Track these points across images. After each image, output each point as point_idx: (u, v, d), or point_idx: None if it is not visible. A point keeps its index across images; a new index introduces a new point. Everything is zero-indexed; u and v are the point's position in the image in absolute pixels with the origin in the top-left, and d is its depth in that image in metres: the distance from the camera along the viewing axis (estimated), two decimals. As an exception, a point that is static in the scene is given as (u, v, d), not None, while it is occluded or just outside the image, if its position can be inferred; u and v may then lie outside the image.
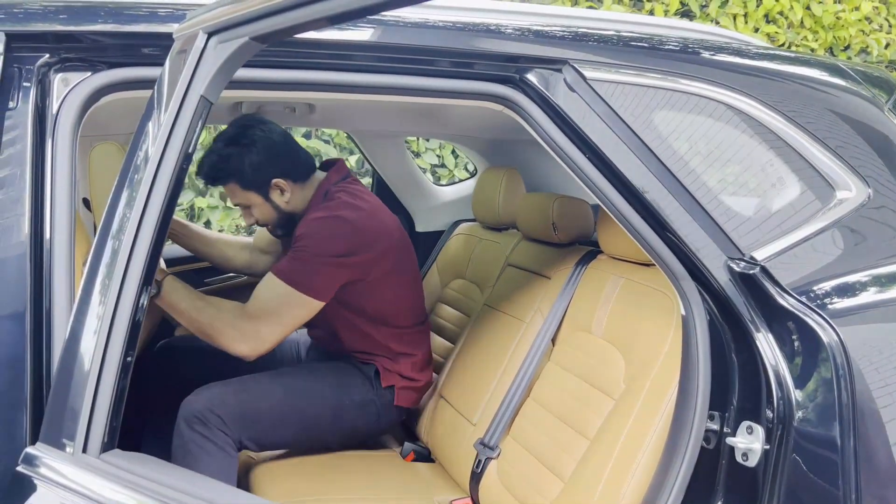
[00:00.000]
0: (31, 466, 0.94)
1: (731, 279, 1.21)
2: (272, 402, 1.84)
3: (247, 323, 1.73)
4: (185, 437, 1.71)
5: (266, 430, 1.82)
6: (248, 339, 1.72)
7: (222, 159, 1.84)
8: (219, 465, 1.71)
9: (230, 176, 1.85)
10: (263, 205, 1.90)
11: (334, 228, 1.81)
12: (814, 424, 1.12)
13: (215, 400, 1.75)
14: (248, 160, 1.83)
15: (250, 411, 1.79)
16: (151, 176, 0.97)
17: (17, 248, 1.05)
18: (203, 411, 1.72)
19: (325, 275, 1.79)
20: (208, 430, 1.71)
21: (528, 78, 1.28)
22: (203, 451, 1.70)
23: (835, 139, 1.33)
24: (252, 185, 1.86)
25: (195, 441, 1.70)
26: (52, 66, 1.11)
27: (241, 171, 1.84)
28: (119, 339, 0.95)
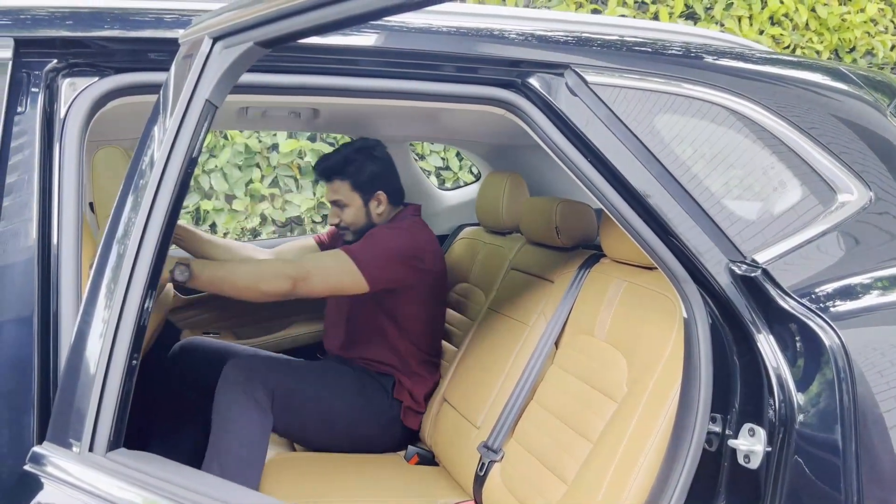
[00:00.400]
0: (38, 465, 0.95)
1: (732, 282, 1.22)
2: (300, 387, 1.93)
3: (294, 265, 1.84)
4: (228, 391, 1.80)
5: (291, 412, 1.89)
6: (291, 272, 1.81)
7: (348, 160, 2.10)
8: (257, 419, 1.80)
9: (348, 175, 2.10)
10: (360, 209, 2.12)
11: (402, 232, 2.05)
12: (815, 427, 1.13)
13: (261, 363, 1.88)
14: (369, 168, 2.11)
15: (288, 388, 1.89)
16: (157, 180, 0.98)
17: (25, 252, 1.06)
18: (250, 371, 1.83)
19: (382, 263, 1.95)
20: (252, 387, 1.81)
21: (531, 82, 1.29)
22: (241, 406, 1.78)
23: (837, 143, 1.33)
24: (360, 189, 2.11)
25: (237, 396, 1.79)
26: (59, 71, 1.12)
27: (360, 174, 2.10)
28: (125, 342, 0.96)
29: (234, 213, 4.03)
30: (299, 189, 4.14)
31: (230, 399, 1.80)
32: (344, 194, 2.11)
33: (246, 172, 4.03)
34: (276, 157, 4.05)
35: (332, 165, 2.11)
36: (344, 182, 2.10)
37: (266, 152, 4.07)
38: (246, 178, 4.03)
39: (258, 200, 4.09)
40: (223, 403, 1.80)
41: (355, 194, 2.11)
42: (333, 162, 2.11)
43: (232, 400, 1.79)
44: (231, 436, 1.77)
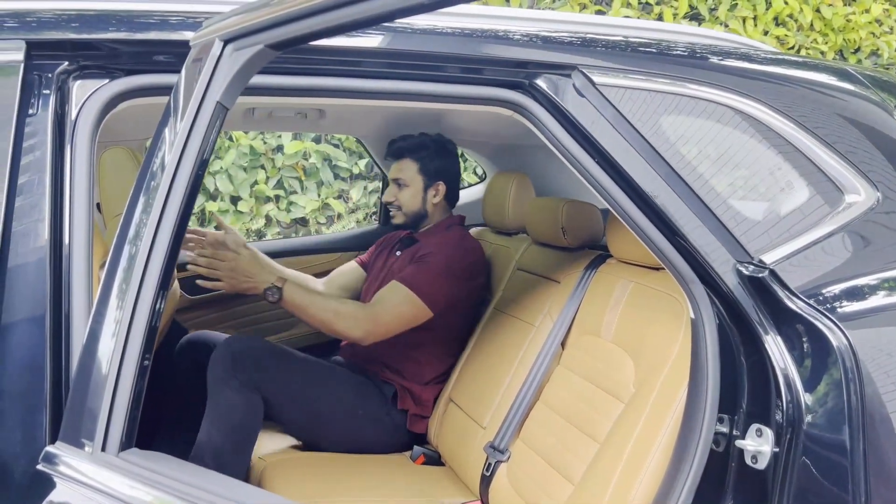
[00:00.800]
0: (50, 465, 0.96)
1: (740, 282, 1.22)
2: (297, 378, 1.94)
3: (366, 312, 1.93)
4: (217, 371, 1.83)
5: (282, 400, 1.91)
6: (365, 322, 1.91)
7: (423, 144, 2.20)
8: (245, 401, 1.83)
9: (419, 157, 2.19)
10: (418, 192, 2.20)
11: (459, 249, 2.11)
12: (823, 427, 1.13)
13: (253, 346, 1.89)
14: (440, 158, 2.21)
15: (277, 375, 1.90)
16: (168, 182, 0.99)
17: (37, 253, 1.07)
18: (241, 353, 1.85)
19: (441, 286, 2.01)
20: (241, 370, 1.83)
21: (538, 83, 1.30)
22: (230, 389, 1.81)
23: (843, 143, 1.33)
24: (425, 173, 2.20)
25: (225, 378, 1.81)
26: (70, 73, 1.13)
27: (429, 160, 2.19)
28: (137, 343, 0.97)
29: (240, 215, 4.04)
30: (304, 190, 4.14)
31: (218, 380, 1.82)
32: (408, 175, 2.19)
33: (251, 174, 4.04)
34: (281, 158, 4.06)
35: (406, 145, 2.20)
36: (413, 163, 2.19)
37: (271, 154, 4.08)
38: (251, 179, 4.04)
39: (263, 202, 4.10)
40: (211, 384, 1.83)
41: (419, 177, 2.19)
42: (409, 143, 2.20)
43: (219, 381, 1.82)
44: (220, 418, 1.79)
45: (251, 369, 1.84)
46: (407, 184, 2.19)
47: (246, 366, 1.84)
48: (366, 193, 4.24)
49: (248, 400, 1.83)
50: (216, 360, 1.84)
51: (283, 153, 4.05)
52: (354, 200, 4.22)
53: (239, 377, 1.83)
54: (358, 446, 2.02)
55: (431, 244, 2.12)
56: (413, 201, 2.20)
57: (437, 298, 1.99)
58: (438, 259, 2.04)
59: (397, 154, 2.21)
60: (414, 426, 2.09)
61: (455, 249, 2.10)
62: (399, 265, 2.16)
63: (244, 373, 1.83)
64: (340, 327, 1.90)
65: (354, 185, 4.24)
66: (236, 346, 1.87)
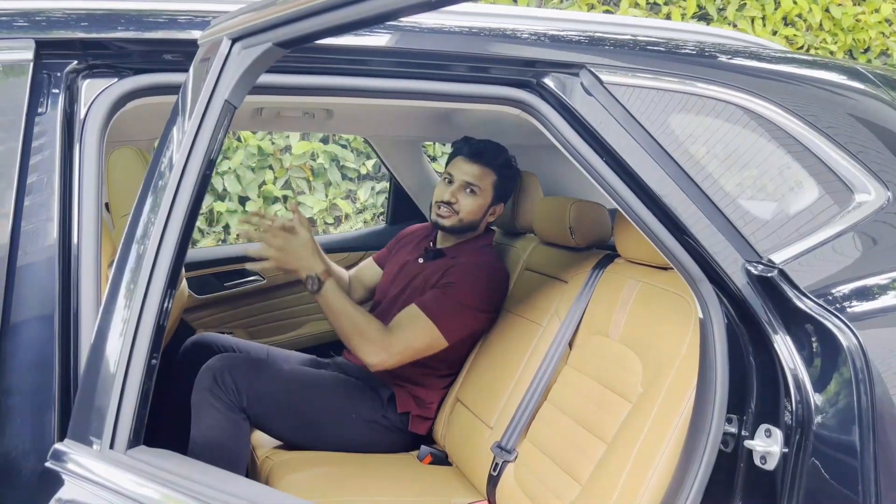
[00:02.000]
0: (59, 462, 0.96)
1: (748, 282, 1.21)
2: (281, 388, 1.93)
3: (383, 337, 1.88)
4: (201, 392, 1.82)
5: (269, 412, 1.91)
6: (380, 351, 1.86)
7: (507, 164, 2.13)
8: (227, 422, 1.82)
9: (500, 173, 2.10)
10: (484, 206, 2.11)
11: (488, 283, 2.03)
12: (833, 428, 1.12)
13: (235, 367, 1.87)
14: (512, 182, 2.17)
15: (262, 389, 1.88)
16: (176, 181, 0.99)
17: (46, 252, 1.07)
18: (221, 372, 1.84)
19: (463, 319, 1.97)
20: (222, 390, 1.82)
21: (546, 82, 1.29)
22: (213, 409, 1.81)
23: (853, 143, 1.32)
24: (498, 189, 2.12)
25: (208, 398, 1.81)
26: (80, 72, 1.13)
27: (507, 179, 2.13)
28: (144, 342, 0.97)
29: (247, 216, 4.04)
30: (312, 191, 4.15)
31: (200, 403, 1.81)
32: (485, 184, 2.08)
33: (259, 174, 4.05)
34: (289, 158, 4.07)
35: (493, 154, 2.09)
36: (493, 174, 2.09)
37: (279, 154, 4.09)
38: (259, 179, 4.05)
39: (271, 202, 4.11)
40: (194, 407, 1.82)
41: (491, 191, 2.10)
42: (495, 153, 2.10)
43: (202, 404, 1.81)
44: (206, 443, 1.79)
45: (234, 389, 1.83)
46: (478, 192, 2.08)
47: (228, 386, 1.83)
48: (373, 194, 4.24)
49: (231, 422, 1.82)
50: (199, 382, 1.84)
51: (291, 153, 4.06)
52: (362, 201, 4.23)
53: (222, 398, 1.82)
54: (355, 448, 2.02)
55: (459, 267, 2.03)
56: (474, 211, 2.09)
57: (455, 331, 1.96)
58: (464, 292, 1.97)
59: (479, 157, 2.07)
60: (416, 427, 2.08)
61: (483, 284, 2.02)
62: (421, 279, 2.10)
63: (227, 393, 1.83)
64: (356, 344, 1.87)
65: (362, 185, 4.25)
66: (217, 366, 1.85)
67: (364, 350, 1.86)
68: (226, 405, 1.82)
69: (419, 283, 2.10)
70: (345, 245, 2.97)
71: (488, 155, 2.08)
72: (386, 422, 2.04)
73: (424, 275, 2.11)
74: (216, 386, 1.82)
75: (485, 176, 2.08)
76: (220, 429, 1.80)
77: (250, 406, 1.86)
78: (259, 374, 1.91)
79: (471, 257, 2.08)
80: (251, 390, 1.86)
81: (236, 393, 1.84)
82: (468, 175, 2.07)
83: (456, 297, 1.97)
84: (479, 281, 2.02)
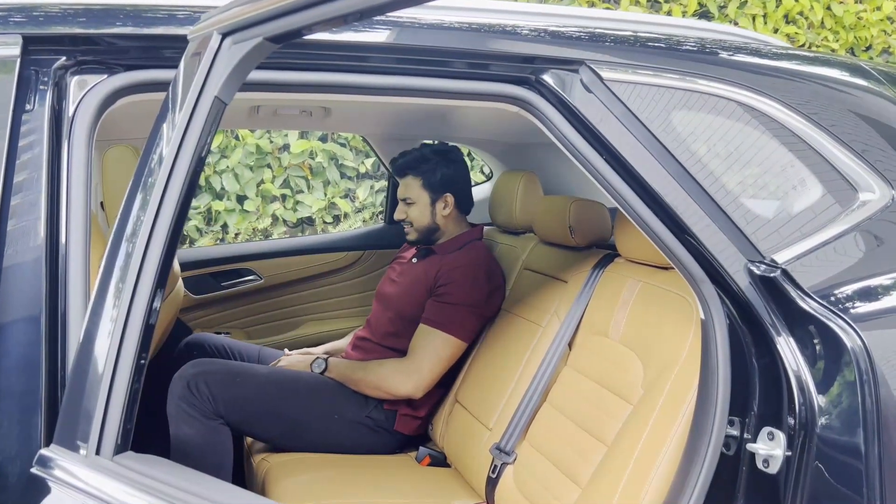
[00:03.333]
0: (45, 468, 0.94)
1: (751, 282, 1.19)
2: (260, 394, 1.93)
3: (408, 365, 1.99)
4: (175, 401, 1.82)
5: (249, 417, 1.91)
6: (407, 379, 1.97)
7: (423, 158, 2.15)
8: (204, 429, 1.81)
9: (420, 172, 2.14)
10: (426, 207, 2.16)
11: (479, 280, 2.07)
12: (837, 431, 1.10)
13: (209, 374, 1.86)
14: (442, 169, 2.15)
15: (238, 395, 1.88)
16: (165, 178, 0.97)
17: (33, 252, 1.05)
18: (194, 379, 1.83)
19: (466, 319, 2.04)
20: (196, 398, 1.82)
21: (544, 79, 1.27)
22: (190, 418, 1.80)
23: (857, 141, 1.30)
24: (430, 188, 2.15)
25: (182, 407, 1.81)
26: (68, 68, 1.11)
27: (432, 174, 2.14)
28: (132, 342, 0.95)
29: (246, 214, 4.03)
30: (310, 190, 4.13)
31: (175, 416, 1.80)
32: (413, 192, 2.15)
33: (257, 173, 4.03)
34: (288, 157, 4.05)
35: (406, 161, 2.17)
36: (416, 179, 2.15)
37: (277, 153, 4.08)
38: (257, 178, 4.03)
39: (269, 201, 4.09)
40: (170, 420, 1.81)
41: (424, 192, 2.15)
42: (409, 159, 2.17)
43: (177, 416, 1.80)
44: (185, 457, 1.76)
45: (208, 397, 1.82)
46: (413, 201, 2.15)
47: (202, 394, 1.82)
48: (372, 193, 4.22)
49: (209, 429, 1.81)
50: (172, 391, 1.82)
51: (289, 152, 4.04)
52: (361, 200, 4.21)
53: (197, 405, 1.81)
54: (343, 449, 2.01)
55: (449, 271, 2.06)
56: (422, 217, 2.16)
57: (468, 330, 2.04)
58: (459, 295, 2.03)
59: (400, 172, 2.17)
60: (404, 427, 2.06)
61: (474, 283, 2.06)
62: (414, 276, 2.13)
63: (202, 401, 1.82)
64: (386, 387, 1.98)
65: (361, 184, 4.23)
66: (189, 373, 1.84)
67: (394, 386, 1.97)
68: (201, 412, 1.81)
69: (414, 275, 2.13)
70: (343, 244, 2.95)
71: (406, 165, 2.16)
72: (371, 422, 2.03)
73: (417, 272, 2.14)
74: (189, 394, 1.81)
75: (410, 184, 2.16)
76: (200, 436, 1.79)
77: (228, 413, 1.85)
78: (233, 380, 1.89)
79: (458, 258, 2.11)
80: (226, 396, 1.85)
81: (211, 400, 1.82)
82: (400, 192, 2.19)
83: (455, 302, 2.02)
84: (472, 281, 2.06)
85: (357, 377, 2.01)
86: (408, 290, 2.13)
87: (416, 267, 2.17)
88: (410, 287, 2.12)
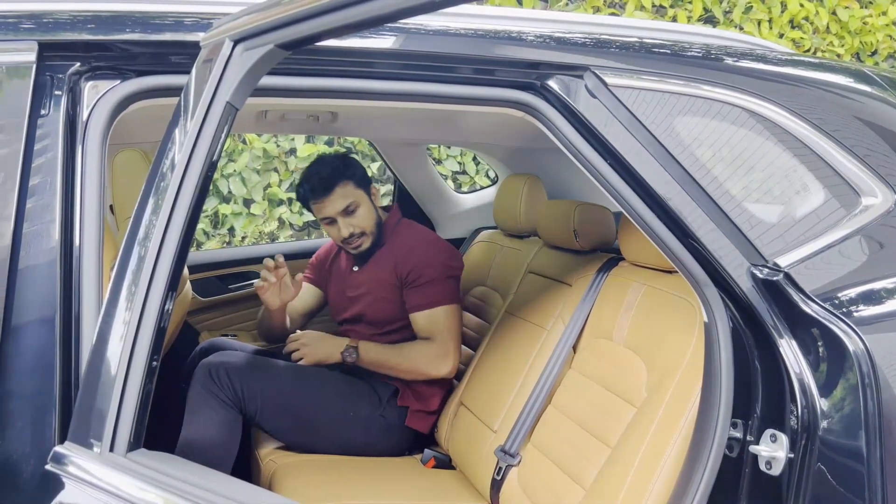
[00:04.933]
0: (59, 465, 0.96)
1: (754, 286, 1.20)
2: (278, 387, 1.95)
3: (440, 349, 2.04)
4: (196, 388, 1.86)
5: (265, 411, 1.93)
6: (447, 360, 2.03)
7: (341, 161, 2.11)
8: (221, 419, 1.85)
9: (348, 175, 2.08)
10: (369, 205, 2.11)
11: (439, 250, 2.13)
12: (839, 434, 1.11)
13: (231, 364, 1.90)
14: (354, 165, 2.12)
15: (257, 387, 1.90)
16: (177, 183, 0.99)
17: (47, 255, 1.07)
18: (217, 368, 1.87)
19: (448, 286, 2.09)
20: (217, 386, 1.86)
21: (550, 84, 1.29)
22: (208, 406, 1.84)
23: (860, 146, 1.31)
24: (360, 184, 2.10)
25: (203, 394, 1.84)
26: (82, 74, 1.13)
27: (352, 172, 2.10)
28: (145, 344, 0.97)
29: (252, 217, 4.05)
30: (317, 193, 4.15)
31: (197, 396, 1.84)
32: (352, 196, 2.07)
33: (264, 177, 4.05)
34: (294, 161, 4.07)
35: (329, 174, 2.05)
36: (347, 182, 2.06)
37: (284, 157, 4.10)
38: (264, 182, 4.05)
39: (276, 204, 4.11)
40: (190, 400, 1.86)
41: (361, 191, 2.09)
42: (328, 170, 2.06)
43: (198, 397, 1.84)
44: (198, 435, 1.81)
45: (230, 386, 1.86)
46: (357, 205, 2.07)
47: (223, 382, 1.85)
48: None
49: (226, 418, 1.85)
50: (196, 377, 1.86)
51: (296, 156, 4.06)
52: (367, 203, 4.22)
53: (218, 395, 1.84)
54: (353, 449, 2.02)
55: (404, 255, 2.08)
56: (370, 216, 2.10)
57: (455, 294, 2.10)
58: (430, 271, 2.07)
59: (328, 186, 2.04)
60: (415, 423, 2.07)
61: (436, 252, 2.12)
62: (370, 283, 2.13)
63: (223, 390, 1.85)
64: (425, 369, 2.03)
65: (367, 187, 4.24)
66: (213, 362, 1.88)
67: (431, 369, 2.02)
68: (221, 403, 1.84)
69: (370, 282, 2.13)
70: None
71: (327, 178, 2.05)
72: (383, 421, 2.04)
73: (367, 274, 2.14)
74: (211, 382, 1.85)
75: (345, 192, 2.06)
76: (214, 427, 1.82)
77: (247, 403, 1.88)
78: (255, 371, 1.92)
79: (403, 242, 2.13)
80: (247, 387, 1.88)
81: (232, 390, 1.86)
82: (335, 206, 2.06)
83: (433, 280, 2.06)
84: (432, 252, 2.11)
85: (393, 363, 2.04)
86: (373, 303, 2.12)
87: (364, 274, 2.16)
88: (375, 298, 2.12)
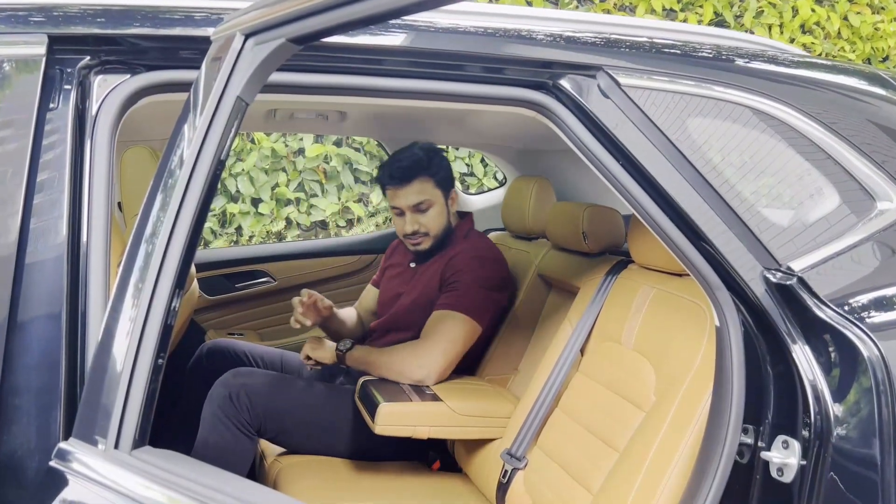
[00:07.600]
0: (63, 461, 0.95)
1: (767, 290, 1.19)
2: (297, 406, 1.92)
3: (421, 350, 1.90)
4: (213, 409, 1.82)
5: (285, 430, 1.91)
6: (425, 363, 1.88)
7: (428, 155, 2.01)
8: (234, 443, 1.81)
9: (431, 172, 2.00)
10: (443, 208, 2.04)
11: (488, 264, 2.03)
12: (852, 441, 1.09)
13: (250, 385, 1.86)
14: (446, 163, 2.05)
15: (277, 406, 1.88)
16: (186, 179, 0.98)
17: (55, 250, 1.06)
18: (237, 390, 1.83)
19: (481, 299, 1.96)
20: (235, 409, 1.81)
21: (562, 84, 1.28)
22: (223, 426, 1.80)
23: (876, 149, 1.30)
24: (442, 185, 2.03)
25: (219, 416, 1.81)
26: (92, 68, 1.13)
27: (441, 170, 2.02)
28: (151, 341, 0.96)
29: (260, 217, 4.05)
30: (325, 193, 4.15)
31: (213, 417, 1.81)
32: (429, 193, 2.00)
33: (272, 176, 4.05)
34: (302, 161, 4.07)
35: (412, 163, 1.98)
36: (429, 179, 1.99)
37: (292, 156, 4.10)
38: (272, 181, 4.05)
39: (284, 204, 4.11)
40: (205, 419, 1.82)
41: (439, 192, 2.02)
42: (413, 159, 1.99)
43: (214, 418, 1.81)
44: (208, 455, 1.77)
45: (248, 408, 1.83)
46: (430, 204, 2.00)
47: (243, 405, 1.82)
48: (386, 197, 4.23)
49: (239, 443, 1.82)
50: (213, 397, 1.83)
51: (304, 156, 4.06)
52: (374, 204, 4.22)
53: (235, 418, 1.81)
54: (360, 452, 2.00)
55: (455, 260, 2.02)
56: (440, 220, 2.03)
57: (482, 312, 1.95)
58: (473, 276, 1.97)
59: (406, 177, 1.98)
60: None
61: (483, 267, 2.01)
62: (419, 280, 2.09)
63: (241, 413, 1.82)
64: (399, 370, 1.88)
65: (374, 188, 4.24)
66: (233, 383, 1.84)
67: (412, 370, 1.87)
68: (236, 425, 1.81)
69: (419, 283, 2.09)
70: (356, 248, 2.96)
71: (408, 168, 1.99)
72: None
73: (421, 274, 2.10)
74: (230, 404, 1.81)
75: (423, 187, 1.99)
76: (225, 448, 1.80)
77: (266, 426, 1.86)
78: (276, 394, 1.89)
79: (460, 248, 2.05)
80: (267, 410, 1.85)
81: (250, 413, 1.82)
82: (409, 198, 2.00)
83: (468, 284, 1.96)
84: (480, 265, 2.01)
85: (373, 364, 1.93)
86: (416, 301, 2.06)
87: (419, 269, 2.12)
88: (419, 298, 2.06)
